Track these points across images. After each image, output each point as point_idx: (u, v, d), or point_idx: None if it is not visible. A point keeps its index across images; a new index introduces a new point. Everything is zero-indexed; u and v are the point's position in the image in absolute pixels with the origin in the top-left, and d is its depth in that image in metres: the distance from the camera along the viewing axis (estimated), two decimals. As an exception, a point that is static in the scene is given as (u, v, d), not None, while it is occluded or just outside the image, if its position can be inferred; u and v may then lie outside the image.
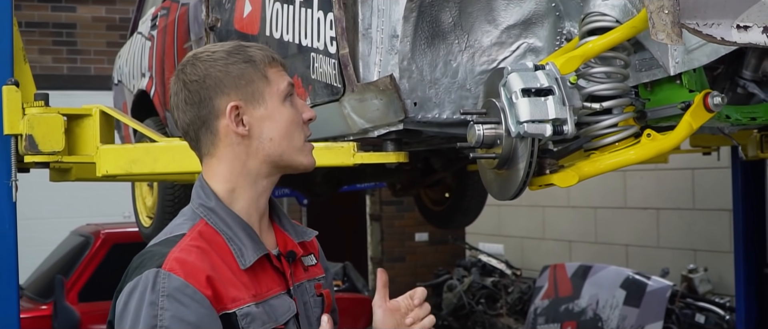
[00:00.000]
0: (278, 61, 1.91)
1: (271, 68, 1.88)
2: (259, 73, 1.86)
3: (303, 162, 1.92)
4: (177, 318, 1.69)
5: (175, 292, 1.70)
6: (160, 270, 1.72)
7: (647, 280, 6.76)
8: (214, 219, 1.85)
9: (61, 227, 8.48)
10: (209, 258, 1.78)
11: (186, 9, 4.46)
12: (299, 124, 1.90)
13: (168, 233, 1.84)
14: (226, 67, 1.85)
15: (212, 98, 1.85)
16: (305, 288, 1.96)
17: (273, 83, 1.87)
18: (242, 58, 1.86)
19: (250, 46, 1.90)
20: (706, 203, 7.18)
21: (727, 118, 2.55)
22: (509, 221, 9.48)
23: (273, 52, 1.93)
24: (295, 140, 1.89)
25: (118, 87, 6.06)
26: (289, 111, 1.88)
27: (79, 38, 10.58)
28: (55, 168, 3.72)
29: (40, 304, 6.94)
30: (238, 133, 1.85)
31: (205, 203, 1.87)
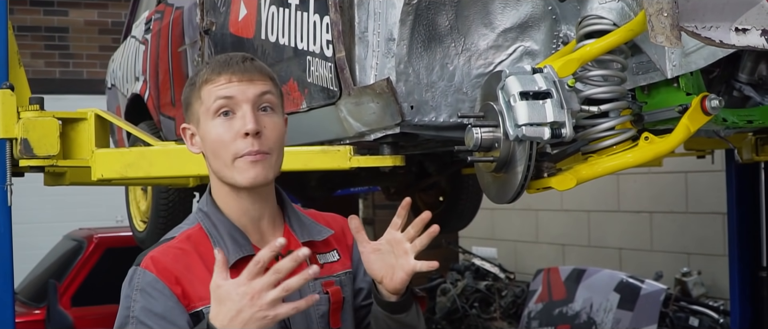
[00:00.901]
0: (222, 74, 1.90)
1: (208, 85, 1.91)
2: (196, 94, 1.94)
3: (237, 180, 1.91)
4: (146, 309, 1.84)
5: (146, 286, 1.85)
6: (138, 267, 1.89)
7: (641, 283, 6.77)
8: (206, 223, 1.96)
9: (54, 231, 8.46)
10: (186, 259, 1.89)
11: (180, 13, 4.46)
12: (226, 142, 1.89)
13: (166, 236, 2.00)
14: (185, 89, 1.99)
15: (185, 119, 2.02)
16: (307, 287, 1.92)
17: (204, 102, 1.92)
18: (190, 82, 1.98)
19: (206, 66, 1.96)
20: (700, 206, 7.18)
21: (723, 121, 2.55)
22: (502, 224, 9.47)
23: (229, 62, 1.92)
24: (222, 158, 1.90)
25: (112, 91, 6.05)
26: (215, 129, 1.90)
27: (71, 42, 10.56)
28: (49, 172, 3.71)
29: (33, 309, 6.92)
30: (192, 151, 2.01)
31: (201, 207, 2.01)
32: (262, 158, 1.90)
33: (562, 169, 2.36)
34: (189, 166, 3.32)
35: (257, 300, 1.69)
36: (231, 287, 1.71)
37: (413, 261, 1.96)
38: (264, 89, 1.93)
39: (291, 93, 3.26)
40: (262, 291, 1.69)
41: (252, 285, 1.70)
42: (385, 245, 1.97)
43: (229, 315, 1.70)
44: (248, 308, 1.69)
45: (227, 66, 1.91)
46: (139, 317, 1.84)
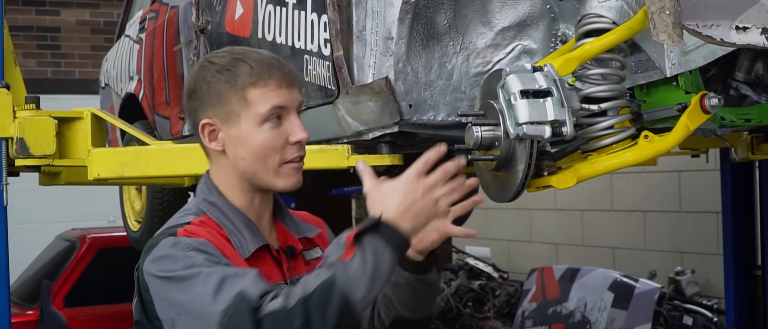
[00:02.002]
0: (270, 78, 1.89)
1: (255, 89, 1.88)
2: (238, 96, 1.88)
3: (278, 185, 1.92)
4: (208, 260, 1.77)
5: (198, 245, 1.79)
6: (178, 237, 1.81)
7: (635, 282, 6.78)
8: (216, 213, 1.92)
9: (46, 231, 8.44)
10: (217, 239, 1.86)
11: (175, 12, 4.45)
12: (276, 148, 1.89)
13: (173, 223, 1.92)
14: (210, 84, 1.90)
15: (197, 111, 1.93)
16: None
17: (252, 106, 1.88)
18: (226, 78, 1.89)
19: (246, 62, 1.90)
20: (693, 205, 7.20)
21: (721, 119, 2.55)
22: (496, 224, 9.48)
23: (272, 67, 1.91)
24: (268, 163, 1.90)
25: (105, 90, 6.04)
26: (264, 135, 1.88)
27: (63, 42, 10.54)
28: (45, 172, 3.70)
29: (26, 309, 6.89)
30: (210, 148, 1.93)
31: (207, 198, 1.95)
32: (302, 165, 1.96)
33: (561, 167, 2.36)
34: (186, 165, 3.31)
35: (429, 194, 1.75)
36: (401, 181, 1.75)
37: (450, 224, 1.94)
38: (301, 97, 1.98)
39: (288, 92, 3.25)
40: (435, 186, 1.75)
41: (425, 180, 1.75)
42: None
43: (403, 206, 1.73)
44: (421, 200, 1.74)
45: (274, 70, 1.90)
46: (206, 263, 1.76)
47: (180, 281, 1.77)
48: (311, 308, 1.68)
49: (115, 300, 7.07)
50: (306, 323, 1.68)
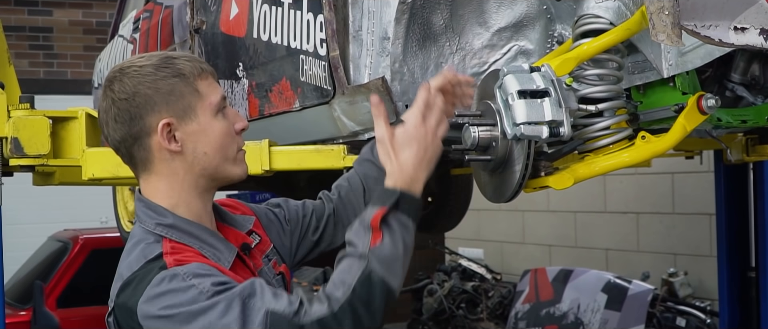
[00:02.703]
0: (208, 71, 1.91)
1: (201, 81, 1.87)
2: (190, 88, 1.85)
3: (237, 172, 1.94)
4: (216, 282, 1.69)
5: (197, 270, 1.71)
6: (170, 268, 1.72)
7: (628, 284, 6.79)
8: (178, 234, 1.83)
9: (38, 232, 8.42)
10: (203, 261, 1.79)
11: (170, 11, 4.43)
12: (232, 135, 1.91)
13: (142, 259, 1.79)
14: (156, 82, 1.83)
15: (143, 116, 1.83)
16: (265, 272, 2.00)
17: (205, 97, 1.87)
18: (171, 73, 1.84)
19: (179, 58, 1.88)
20: (686, 207, 7.21)
21: (718, 121, 2.55)
22: (489, 225, 9.48)
23: (203, 62, 1.92)
24: (228, 152, 1.90)
25: (99, 91, 6.02)
26: (221, 124, 1.89)
27: (55, 42, 10.53)
28: (39, 172, 3.68)
29: (18, 310, 6.88)
30: (170, 149, 1.85)
31: (161, 221, 1.84)
32: None
33: (558, 168, 2.35)
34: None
35: (436, 135, 1.84)
36: (411, 128, 1.83)
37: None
38: None
39: (284, 92, 3.25)
40: (438, 124, 1.86)
41: (429, 122, 1.84)
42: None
43: (418, 157, 1.81)
44: (431, 145, 1.84)
45: (201, 63, 1.92)
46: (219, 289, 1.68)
47: (193, 316, 1.67)
48: (357, 306, 1.67)
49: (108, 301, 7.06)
50: (356, 322, 1.67)
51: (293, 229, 2.19)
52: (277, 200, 2.24)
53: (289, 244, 2.18)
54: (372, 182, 2.28)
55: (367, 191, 2.28)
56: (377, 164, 2.25)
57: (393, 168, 1.82)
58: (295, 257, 2.21)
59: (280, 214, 2.19)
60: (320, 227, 2.23)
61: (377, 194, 1.80)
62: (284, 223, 2.18)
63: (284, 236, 2.17)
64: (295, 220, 2.20)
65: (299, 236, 2.21)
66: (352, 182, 2.30)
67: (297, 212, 2.21)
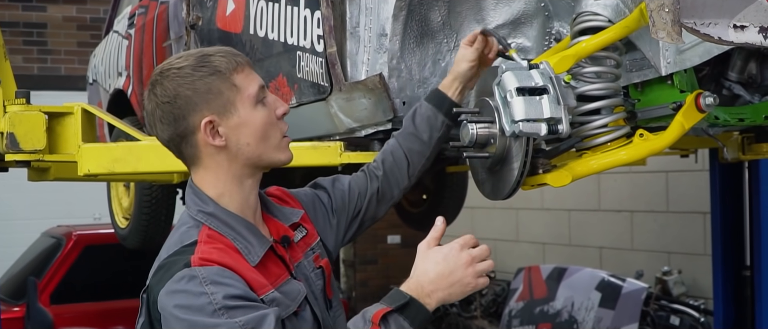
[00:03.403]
0: (244, 63, 1.95)
1: (238, 74, 1.92)
2: (228, 83, 1.91)
3: (281, 158, 2.00)
4: (228, 296, 1.74)
5: (215, 277, 1.76)
6: (193, 267, 1.78)
7: (622, 282, 6.79)
8: (216, 223, 1.91)
9: (31, 228, 8.40)
10: (228, 256, 1.85)
11: (165, 7, 4.42)
12: (274, 122, 1.96)
13: (179, 243, 1.89)
14: (194, 83, 1.89)
15: (186, 117, 1.90)
16: (304, 266, 2.04)
17: (243, 90, 1.92)
18: (208, 71, 1.90)
19: (215, 54, 1.93)
20: (680, 205, 7.22)
21: (715, 119, 2.55)
22: (483, 223, 9.48)
23: (238, 54, 1.96)
24: (272, 139, 1.96)
25: (93, 86, 6.00)
26: (261, 113, 1.94)
27: (49, 38, 10.49)
28: (34, 167, 3.67)
29: (12, 306, 6.86)
30: (215, 145, 1.91)
31: (203, 209, 1.93)
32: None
33: (556, 166, 2.35)
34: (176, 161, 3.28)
35: (470, 267, 1.89)
36: (447, 249, 1.90)
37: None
38: None
39: (280, 88, 3.24)
40: (477, 259, 1.92)
41: (470, 252, 1.91)
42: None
43: (441, 274, 1.87)
44: (461, 270, 1.88)
45: (239, 56, 1.96)
46: (227, 304, 1.73)
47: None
48: None
49: (102, 297, 7.06)
50: None
51: (340, 217, 2.26)
52: (324, 185, 2.29)
53: (336, 231, 2.25)
54: (416, 156, 2.37)
55: (411, 165, 2.37)
56: (420, 138, 2.36)
57: (414, 273, 1.90)
58: (343, 240, 2.28)
59: (328, 203, 2.25)
60: (363, 206, 2.31)
61: (390, 293, 1.88)
62: (331, 214, 2.24)
63: (331, 225, 2.23)
64: (341, 208, 2.26)
65: (346, 222, 2.28)
66: (396, 156, 2.37)
67: (343, 199, 2.27)
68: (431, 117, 2.36)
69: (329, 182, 2.30)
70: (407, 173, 2.37)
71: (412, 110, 2.40)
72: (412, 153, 2.37)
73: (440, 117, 2.36)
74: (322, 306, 2.04)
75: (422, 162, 2.38)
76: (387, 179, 2.35)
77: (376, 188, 2.33)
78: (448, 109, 2.36)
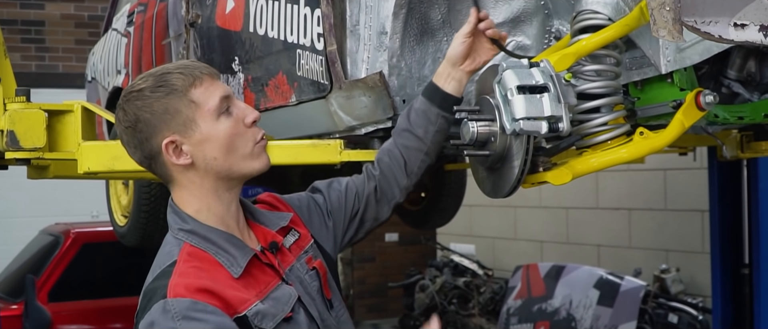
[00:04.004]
0: (204, 75, 1.92)
1: (196, 89, 1.90)
2: (185, 101, 1.89)
3: (254, 167, 1.97)
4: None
5: (187, 312, 1.75)
6: (166, 300, 1.77)
7: (620, 280, 6.80)
8: (196, 240, 1.90)
9: (29, 226, 8.40)
10: (207, 273, 1.84)
11: (165, 5, 4.42)
12: (241, 132, 1.94)
13: (160, 266, 1.89)
14: (151, 105, 1.89)
15: (149, 139, 1.91)
16: (297, 269, 2.03)
17: (202, 105, 1.90)
18: (165, 91, 1.89)
19: (173, 72, 1.92)
20: (678, 203, 7.23)
21: (715, 117, 2.56)
22: (481, 221, 9.49)
23: (198, 67, 1.94)
24: (240, 149, 1.94)
25: (92, 84, 6.00)
26: (225, 125, 1.92)
27: (47, 36, 10.50)
28: (34, 165, 3.67)
29: (10, 304, 6.86)
30: (180, 164, 1.91)
31: (183, 227, 1.93)
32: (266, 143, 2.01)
33: (557, 164, 2.36)
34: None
35: None
36: None
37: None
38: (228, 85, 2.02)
39: (280, 86, 3.25)
40: None
41: None
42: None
43: None
44: None
45: (199, 68, 1.94)
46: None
47: None
48: None
49: (100, 295, 7.06)
50: None
51: (336, 219, 2.23)
52: (320, 187, 2.27)
53: (333, 232, 2.22)
54: (413, 153, 2.33)
55: (408, 163, 2.33)
56: (415, 133, 2.31)
57: None
58: (342, 241, 2.26)
59: (323, 205, 2.22)
60: (361, 207, 2.28)
61: None
62: (327, 216, 2.22)
63: (327, 227, 2.21)
64: (337, 208, 2.24)
65: (343, 223, 2.25)
66: (392, 154, 2.34)
67: (339, 199, 2.25)
68: (425, 111, 2.31)
69: (325, 185, 2.29)
70: (405, 172, 2.33)
71: (408, 107, 2.38)
72: (407, 150, 2.33)
73: (434, 109, 2.29)
74: (322, 307, 2.03)
75: (421, 158, 2.33)
76: (385, 178, 2.32)
77: (374, 187, 2.30)
78: (442, 100, 2.30)
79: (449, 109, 2.30)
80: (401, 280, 9.16)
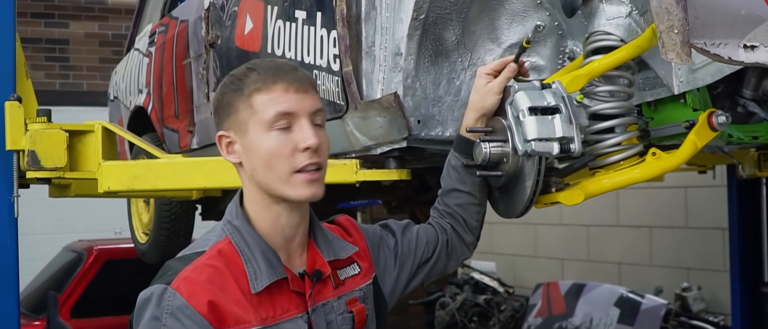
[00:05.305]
0: (278, 84, 1.85)
1: (261, 94, 1.85)
2: (245, 102, 1.86)
3: (289, 194, 1.87)
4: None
5: (176, 311, 1.76)
6: (168, 287, 1.78)
7: (641, 298, 6.77)
8: (237, 238, 1.87)
9: (53, 243, 8.46)
10: (220, 279, 1.80)
11: (185, 25, 4.47)
12: (284, 155, 1.84)
13: (191, 249, 1.89)
14: (223, 96, 1.90)
15: (216, 126, 1.93)
16: (332, 307, 1.95)
17: (258, 112, 1.85)
18: (235, 87, 1.88)
19: (252, 71, 1.88)
20: (699, 221, 7.20)
21: (729, 137, 2.56)
22: (501, 238, 9.48)
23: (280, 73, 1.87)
24: (277, 170, 1.85)
25: (114, 103, 6.06)
26: (272, 141, 1.84)
27: (71, 54, 10.58)
28: (55, 184, 3.71)
29: (33, 320, 6.92)
30: (229, 161, 1.92)
31: (231, 221, 1.90)
32: (319, 175, 1.90)
33: (569, 184, 2.37)
34: (195, 178, 3.33)
35: None
36: None
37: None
38: (318, 105, 1.91)
39: (297, 107, 3.27)
40: None
41: None
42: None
43: None
44: None
45: (281, 74, 1.86)
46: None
47: None
48: None
49: (122, 312, 7.09)
50: None
51: (403, 264, 2.20)
52: (395, 229, 2.24)
53: (396, 279, 2.18)
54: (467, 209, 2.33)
55: (467, 220, 2.33)
56: (463, 190, 2.31)
57: None
58: (404, 289, 2.22)
59: (394, 249, 2.19)
60: (432, 259, 2.26)
61: None
62: (395, 260, 2.19)
63: (391, 271, 2.18)
64: (406, 255, 2.21)
65: (411, 270, 2.22)
66: (455, 217, 2.33)
67: (410, 247, 2.22)
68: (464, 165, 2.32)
69: (400, 228, 2.24)
70: (467, 228, 2.33)
71: (446, 166, 2.36)
72: (462, 208, 2.32)
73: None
74: None
75: (476, 210, 2.33)
76: (453, 235, 2.31)
77: (446, 241, 2.29)
78: None
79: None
80: (422, 297, 9.15)
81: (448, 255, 2.30)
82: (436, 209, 2.36)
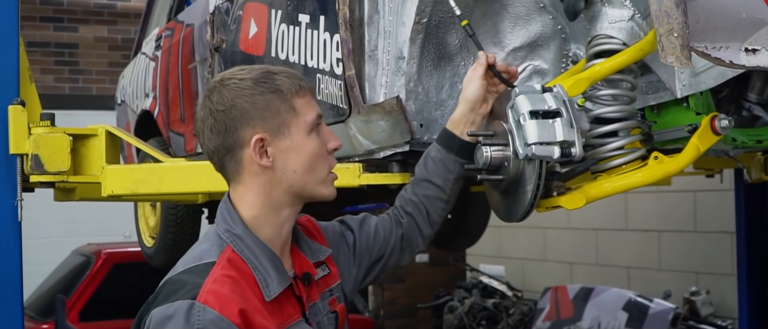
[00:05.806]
0: (307, 88, 1.90)
1: (299, 98, 1.88)
2: (287, 105, 1.86)
3: (324, 193, 1.93)
4: None
5: (209, 325, 1.70)
6: (195, 302, 1.71)
7: (649, 303, 6.75)
8: (241, 247, 1.85)
9: (62, 246, 8.48)
10: (241, 289, 1.78)
11: (191, 30, 4.48)
12: (324, 155, 1.91)
13: (197, 260, 1.83)
14: (253, 97, 1.85)
15: (238, 129, 1.85)
16: (318, 309, 1.98)
17: (300, 115, 1.87)
18: (269, 88, 1.86)
19: (279, 74, 1.89)
20: (708, 225, 7.17)
21: (733, 141, 2.54)
22: (510, 242, 9.46)
23: (302, 79, 1.92)
24: (318, 172, 1.90)
25: (121, 107, 6.08)
26: (314, 143, 1.89)
27: (80, 58, 10.62)
28: (60, 188, 3.72)
29: (41, 324, 6.94)
30: (261, 164, 1.86)
31: (231, 229, 1.87)
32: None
33: (571, 188, 2.36)
34: (199, 182, 3.33)
35: None
36: None
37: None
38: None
39: (301, 110, 3.26)
40: None
41: None
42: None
43: None
44: None
45: (304, 81, 1.92)
46: None
47: None
48: None
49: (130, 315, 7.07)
50: None
51: (361, 261, 2.21)
52: (352, 226, 2.24)
53: (355, 276, 2.20)
54: (433, 202, 2.32)
55: (430, 213, 2.32)
56: (434, 183, 2.31)
57: None
58: (360, 284, 2.23)
59: (352, 246, 2.20)
60: (386, 253, 2.26)
61: None
62: (353, 257, 2.20)
63: (350, 268, 2.19)
64: (364, 251, 2.22)
65: (367, 266, 2.23)
66: (415, 205, 2.33)
67: (368, 242, 2.23)
68: (443, 159, 2.31)
69: (357, 223, 2.25)
70: (427, 221, 2.32)
71: (424, 155, 2.37)
72: (428, 200, 2.32)
73: (452, 157, 2.30)
74: None
75: (441, 206, 2.33)
76: (411, 227, 2.30)
77: (401, 235, 2.28)
78: (460, 148, 2.30)
79: (467, 156, 2.30)
80: (430, 301, 9.14)
81: (402, 249, 2.30)
82: (401, 197, 2.36)
